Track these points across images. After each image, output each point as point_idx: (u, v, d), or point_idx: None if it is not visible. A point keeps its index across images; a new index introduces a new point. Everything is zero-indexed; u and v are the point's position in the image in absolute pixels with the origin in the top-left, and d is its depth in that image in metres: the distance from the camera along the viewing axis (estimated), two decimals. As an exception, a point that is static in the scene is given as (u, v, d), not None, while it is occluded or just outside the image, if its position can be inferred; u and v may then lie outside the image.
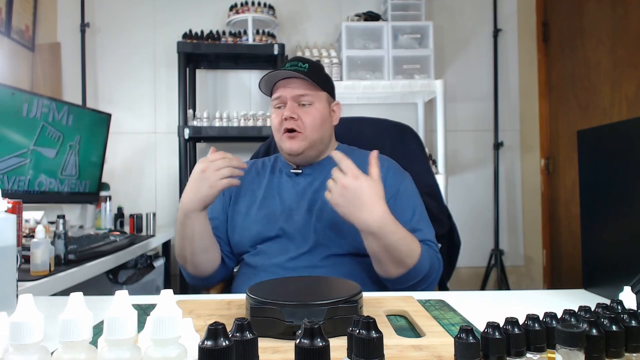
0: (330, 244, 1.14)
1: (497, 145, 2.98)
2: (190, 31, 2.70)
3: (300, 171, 1.25)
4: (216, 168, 1.08)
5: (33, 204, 1.92)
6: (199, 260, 1.17)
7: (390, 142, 1.47)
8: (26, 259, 1.24)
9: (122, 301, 0.43)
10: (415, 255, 1.06)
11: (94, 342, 0.51)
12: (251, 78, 2.98)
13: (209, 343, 0.37)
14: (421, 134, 2.91)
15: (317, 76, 1.20)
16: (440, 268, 1.15)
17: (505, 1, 3.05)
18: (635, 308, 0.62)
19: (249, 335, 0.40)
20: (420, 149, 1.51)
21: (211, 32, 2.74)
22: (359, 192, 0.99)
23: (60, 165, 2.05)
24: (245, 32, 2.72)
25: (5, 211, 0.82)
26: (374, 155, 1.04)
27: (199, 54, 2.70)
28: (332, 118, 1.27)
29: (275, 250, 1.16)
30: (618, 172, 0.92)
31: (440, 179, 2.56)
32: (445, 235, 1.45)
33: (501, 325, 0.45)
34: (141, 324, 0.51)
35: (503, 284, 2.85)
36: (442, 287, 1.39)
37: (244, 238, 1.21)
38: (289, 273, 1.11)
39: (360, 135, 1.46)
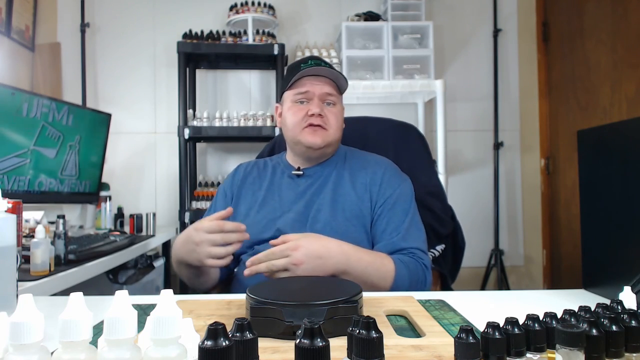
0: None
1: (497, 145, 2.98)
2: (190, 31, 2.70)
3: (301, 173, 1.25)
4: (210, 244, 1.00)
5: (33, 204, 1.92)
6: (198, 286, 1.20)
7: (394, 142, 1.47)
8: (26, 259, 1.24)
9: (122, 301, 0.43)
10: (389, 277, 1.05)
11: (94, 342, 0.51)
12: (251, 78, 2.98)
13: (209, 343, 0.37)
14: (421, 134, 2.92)
15: (341, 79, 1.23)
16: (427, 274, 1.12)
17: (505, 1, 3.05)
18: (635, 308, 0.62)
19: (249, 335, 0.40)
20: (424, 149, 1.50)
21: (211, 32, 2.74)
22: (310, 253, 0.99)
23: (60, 165, 2.05)
24: (245, 32, 2.72)
25: (5, 211, 0.82)
26: (277, 241, 1.03)
27: (199, 54, 2.70)
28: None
29: None
30: (618, 172, 0.92)
31: (440, 179, 2.56)
32: (449, 236, 1.44)
33: (501, 325, 0.45)
34: (141, 324, 0.51)
35: (503, 284, 2.85)
36: (446, 288, 1.39)
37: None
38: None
39: (364, 135, 1.46)
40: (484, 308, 0.92)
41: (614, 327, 0.47)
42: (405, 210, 1.18)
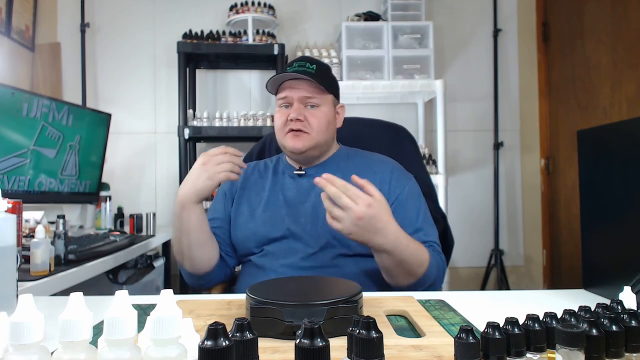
0: (340, 245, 1.14)
1: (497, 145, 2.98)
2: (190, 31, 2.70)
3: (303, 172, 1.25)
4: (217, 162, 1.09)
5: (33, 204, 1.92)
6: (196, 255, 1.16)
7: (387, 143, 1.47)
8: (26, 259, 1.24)
9: (122, 301, 0.43)
10: (425, 265, 1.07)
11: (94, 342, 0.51)
12: (251, 78, 2.98)
13: (209, 343, 0.37)
14: (421, 134, 2.92)
15: (324, 78, 1.20)
16: (445, 268, 1.16)
17: (505, 1, 3.05)
18: (635, 308, 0.62)
19: (249, 335, 0.40)
20: (415, 150, 1.51)
21: (211, 32, 2.74)
22: (374, 218, 0.97)
23: (60, 165, 2.05)
24: (245, 32, 2.72)
25: (5, 211, 0.82)
26: (361, 182, 1.00)
27: (199, 54, 2.70)
28: (336, 120, 1.27)
29: (283, 251, 1.16)
30: (618, 172, 0.92)
31: (440, 179, 2.56)
32: (440, 235, 1.46)
33: (501, 325, 0.45)
34: (141, 324, 0.51)
35: (503, 284, 2.85)
36: None
37: (248, 240, 1.20)
38: (299, 273, 1.12)
39: (358, 136, 1.46)
40: (484, 308, 0.92)
41: (614, 327, 0.47)
42: (417, 207, 1.20)
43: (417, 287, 1.07)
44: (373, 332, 0.40)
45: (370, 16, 2.80)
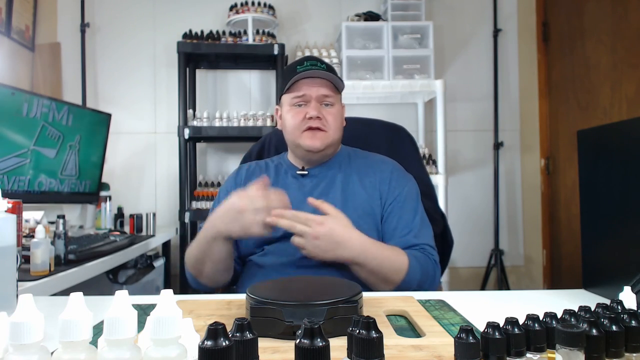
0: None
1: (497, 145, 2.98)
2: (190, 31, 2.70)
3: (306, 172, 1.25)
4: (254, 210, 1.01)
5: (33, 204, 1.92)
6: (218, 278, 1.17)
7: (386, 143, 1.47)
8: (26, 259, 1.24)
9: (122, 301, 0.43)
10: (402, 270, 1.07)
11: (94, 342, 0.51)
12: (251, 78, 2.98)
13: (209, 343, 0.37)
14: (421, 134, 2.92)
15: (336, 78, 1.22)
16: (437, 271, 1.15)
17: (505, 1, 3.05)
18: (635, 308, 0.62)
19: (249, 335, 0.40)
20: (414, 149, 1.51)
21: (211, 32, 2.74)
22: (330, 234, 1.01)
23: (60, 165, 2.05)
24: (245, 32, 2.73)
25: (5, 211, 0.82)
26: (317, 203, 1.05)
27: (199, 54, 2.70)
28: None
29: (284, 250, 1.16)
30: (618, 172, 0.92)
31: (440, 179, 2.56)
32: (439, 235, 1.46)
33: (501, 325, 0.45)
34: (141, 324, 0.51)
35: (503, 284, 2.85)
36: None
37: (249, 239, 1.20)
38: (300, 272, 1.12)
39: (357, 135, 1.46)
40: (484, 308, 0.92)
41: (614, 327, 0.47)
42: (414, 208, 1.20)
43: (401, 291, 1.07)
44: (373, 332, 0.40)
45: (370, 16, 2.80)
